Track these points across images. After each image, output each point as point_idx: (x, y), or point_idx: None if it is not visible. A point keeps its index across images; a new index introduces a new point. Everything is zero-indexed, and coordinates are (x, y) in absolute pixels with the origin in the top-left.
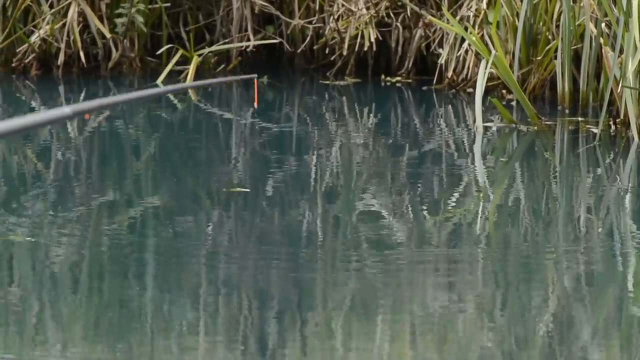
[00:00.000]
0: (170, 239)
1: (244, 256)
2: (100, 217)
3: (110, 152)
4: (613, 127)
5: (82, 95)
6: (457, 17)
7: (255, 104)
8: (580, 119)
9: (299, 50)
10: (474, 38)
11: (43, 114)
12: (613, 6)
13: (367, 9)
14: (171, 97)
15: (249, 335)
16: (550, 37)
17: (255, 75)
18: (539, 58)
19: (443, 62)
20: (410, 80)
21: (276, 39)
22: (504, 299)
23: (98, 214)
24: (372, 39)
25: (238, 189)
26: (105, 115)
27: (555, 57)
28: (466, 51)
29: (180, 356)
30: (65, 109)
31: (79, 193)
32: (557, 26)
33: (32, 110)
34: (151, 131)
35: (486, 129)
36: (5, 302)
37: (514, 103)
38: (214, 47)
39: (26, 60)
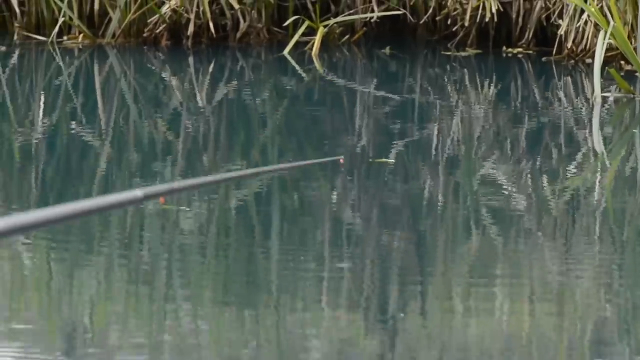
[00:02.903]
0: (328, 208)
1: (393, 223)
2: (239, 186)
3: (252, 120)
4: None
5: (211, 66)
6: None
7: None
8: None
9: (421, 21)
10: (592, 9)
11: (114, 197)
12: None
13: None
14: (297, 67)
15: (372, 297)
16: None
17: (341, 157)
18: None
19: (563, 33)
20: (530, 51)
21: (400, 10)
22: (622, 268)
23: (237, 183)
24: (494, 10)
25: (383, 160)
26: (234, 86)
27: None
28: (585, 22)
29: (311, 317)
30: (137, 192)
31: (213, 161)
32: None
33: (162, 80)
34: (278, 101)
35: (604, 99)
36: (153, 264)
37: (638, 74)
38: (339, 18)
39: (157, 31)
